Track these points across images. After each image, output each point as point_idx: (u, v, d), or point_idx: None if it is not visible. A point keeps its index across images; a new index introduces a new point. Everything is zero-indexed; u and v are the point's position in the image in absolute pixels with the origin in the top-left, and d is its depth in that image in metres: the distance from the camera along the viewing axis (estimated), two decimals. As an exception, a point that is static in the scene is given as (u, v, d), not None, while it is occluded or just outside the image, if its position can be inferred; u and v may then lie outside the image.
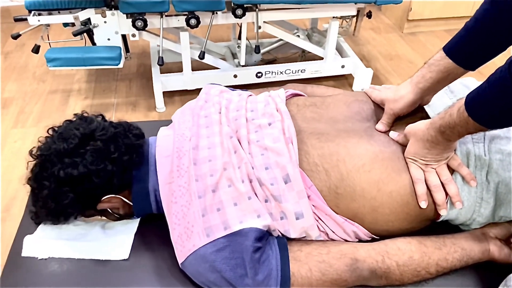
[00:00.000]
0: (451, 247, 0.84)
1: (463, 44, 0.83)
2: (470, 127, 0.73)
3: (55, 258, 0.85)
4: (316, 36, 2.29)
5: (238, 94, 1.02)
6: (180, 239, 0.80)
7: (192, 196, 0.80)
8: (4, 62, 2.45)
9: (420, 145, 0.83)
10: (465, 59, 0.84)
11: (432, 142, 0.81)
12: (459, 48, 0.84)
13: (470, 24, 0.82)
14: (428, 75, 0.89)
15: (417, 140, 0.84)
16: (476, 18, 0.81)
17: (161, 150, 0.89)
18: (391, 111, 0.94)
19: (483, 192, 0.84)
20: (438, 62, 0.87)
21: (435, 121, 0.80)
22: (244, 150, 0.85)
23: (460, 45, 0.84)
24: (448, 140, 0.80)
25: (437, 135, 0.80)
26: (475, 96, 0.72)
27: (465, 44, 0.83)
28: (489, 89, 0.69)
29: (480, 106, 0.71)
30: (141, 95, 2.22)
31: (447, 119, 0.76)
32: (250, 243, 0.75)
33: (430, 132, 0.81)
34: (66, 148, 0.82)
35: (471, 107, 0.72)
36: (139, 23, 1.85)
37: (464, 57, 0.84)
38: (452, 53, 0.85)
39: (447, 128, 0.77)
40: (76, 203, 0.84)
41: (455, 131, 0.76)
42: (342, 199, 0.84)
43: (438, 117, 0.80)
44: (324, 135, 0.89)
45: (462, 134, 0.77)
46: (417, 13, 2.66)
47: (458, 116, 0.74)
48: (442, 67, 0.86)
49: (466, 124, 0.73)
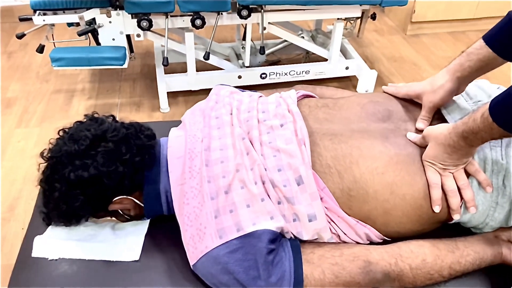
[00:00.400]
0: (464, 250, 0.84)
1: (505, 34, 0.82)
2: (495, 133, 0.72)
3: (65, 259, 0.84)
4: (321, 38, 2.29)
5: (248, 95, 1.02)
6: (192, 241, 0.79)
7: (205, 198, 0.80)
8: (7, 61, 2.44)
9: (441, 149, 0.82)
10: (505, 49, 0.83)
11: (454, 147, 0.80)
12: (499, 38, 0.83)
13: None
14: (467, 64, 0.88)
15: (437, 144, 0.83)
16: None
17: (173, 151, 0.89)
18: (430, 103, 0.92)
19: (499, 197, 0.84)
20: (477, 51, 0.86)
21: (458, 126, 0.79)
22: (257, 151, 0.85)
23: (501, 34, 0.83)
24: (470, 145, 0.79)
25: (459, 140, 0.79)
26: (500, 101, 0.71)
27: (506, 34, 0.82)
28: None
29: (505, 111, 0.70)
30: (145, 96, 2.22)
31: (471, 125, 0.75)
32: (264, 245, 0.75)
33: (452, 137, 0.80)
34: (77, 150, 0.82)
35: (496, 112, 0.71)
36: (144, 23, 1.85)
37: (505, 47, 0.83)
38: (491, 43, 0.84)
39: (470, 134, 0.76)
40: (87, 205, 0.84)
41: (478, 137, 0.75)
42: (354, 201, 0.83)
43: (461, 122, 0.78)
44: (338, 137, 0.89)
45: (485, 139, 0.76)
46: (420, 15, 2.66)
47: (482, 122, 0.73)
48: (482, 56, 0.85)
49: (491, 130, 0.72)
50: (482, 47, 0.85)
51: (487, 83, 0.97)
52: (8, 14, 2.72)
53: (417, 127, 0.92)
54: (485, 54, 0.85)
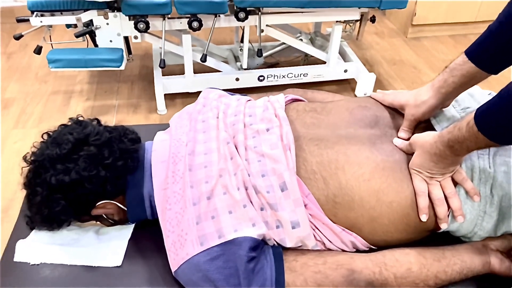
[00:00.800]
0: (451, 259, 0.83)
1: (486, 48, 0.81)
2: (480, 142, 0.71)
3: (47, 263, 0.83)
4: (319, 40, 2.28)
5: (236, 99, 1.01)
6: (173, 247, 0.79)
7: (187, 203, 0.79)
8: (7, 62, 2.45)
9: (427, 157, 0.81)
10: (489, 63, 0.82)
11: (440, 156, 0.79)
12: (482, 52, 0.82)
13: (493, 27, 0.80)
14: (451, 80, 0.87)
15: (423, 152, 0.81)
16: (500, 21, 0.79)
17: (157, 155, 0.88)
18: (412, 117, 0.91)
19: (487, 206, 0.83)
20: (460, 66, 0.85)
21: (444, 135, 0.77)
22: (241, 156, 0.84)
23: (483, 49, 0.82)
24: (456, 154, 0.77)
25: (445, 150, 0.77)
26: (484, 110, 0.69)
27: (488, 48, 0.81)
28: (499, 103, 0.67)
29: (490, 121, 0.69)
30: (142, 97, 2.21)
31: (456, 133, 0.74)
32: (244, 252, 0.74)
33: (438, 146, 0.78)
34: (59, 154, 0.81)
35: (481, 122, 0.69)
36: (141, 25, 1.85)
37: (487, 61, 0.82)
38: (474, 57, 0.83)
39: (455, 143, 0.75)
40: (68, 210, 0.83)
41: (464, 146, 0.74)
42: (340, 208, 0.82)
43: (446, 131, 0.77)
44: (324, 142, 0.88)
45: (471, 149, 0.75)
46: (421, 18, 2.64)
47: (467, 131, 0.71)
48: (465, 72, 0.84)
49: (476, 139, 0.71)
50: (465, 63, 0.84)
51: (478, 90, 0.95)
52: (9, 15, 2.72)
53: (398, 136, 0.91)
54: (468, 69, 0.84)
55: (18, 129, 1.99)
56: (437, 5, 2.60)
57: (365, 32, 2.79)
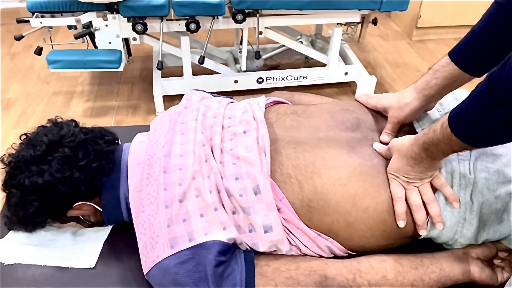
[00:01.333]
0: (429, 267, 0.80)
1: (469, 50, 0.80)
2: (454, 145, 0.69)
3: (21, 264, 0.83)
4: (320, 43, 2.26)
5: (218, 101, 1.00)
6: (145, 249, 0.78)
7: (159, 205, 0.78)
8: (10, 62, 2.48)
9: (404, 161, 0.79)
10: (471, 66, 0.80)
11: (416, 159, 0.77)
12: (465, 54, 0.81)
13: (476, 29, 0.79)
14: (433, 82, 0.85)
15: (400, 156, 0.80)
16: (482, 23, 0.77)
17: (133, 156, 0.88)
18: (395, 119, 0.90)
19: (466, 213, 0.80)
20: (443, 68, 0.83)
21: (419, 138, 0.76)
22: (216, 159, 0.83)
23: (466, 51, 0.81)
24: (432, 158, 0.75)
25: (421, 152, 0.75)
26: (458, 112, 0.68)
27: (471, 50, 0.80)
28: (470, 105, 0.65)
29: (462, 123, 0.67)
30: (142, 99, 2.22)
31: (431, 136, 0.72)
32: (212, 256, 0.73)
33: (414, 148, 0.76)
34: (33, 156, 0.81)
35: (454, 123, 0.67)
36: (139, 27, 1.85)
37: (470, 64, 0.80)
38: (457, 59, 0.81)
39: (430, 145, 0.73)
40: (42, 211, 0.83)
41: (439, 148, 0.72)
42: (315, 213, 0.80)
43: (422, 133, 0.75)
44: (302, 145, 0.86)
45: (446, 152, 0.72)
46: (426, 20, 2.61)
47: (441, 132, 0.70)
48: (448, 74, 0.83)
49: (450, 141, 0.69)
50: (448, 64, 0.83)
51: (464, 93, 0.93)
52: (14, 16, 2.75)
53: (381, 139, 0.90)
54: (451, 71, 0.82)
55: (19, 129, 2.01)
56: (443, 8, 2.56)
57: (369, 35, 2.78)
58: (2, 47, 2.63)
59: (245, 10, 1.86)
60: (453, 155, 0.81)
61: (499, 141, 0.66)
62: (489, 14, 0.77)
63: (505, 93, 0.58)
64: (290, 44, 2.08)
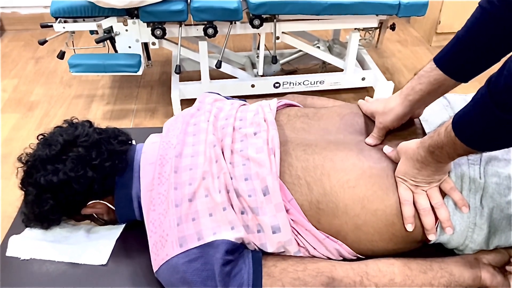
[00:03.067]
0: (438, 271, 0.80)
1: (454, 55, 0.79)
2: (459, 148, 0.68)
3: (36, 259, 0.86)
4: (337, 48, 2.26)
5: (230, 103, 1.01)
6: (155, 248, 0.79)
7: (170, 204, 0.80)
8: (35, 66, 2.55)
9: (410, 164, 0.79)
10: (456, 71, 0.79)
11: (422, 162, 0.76)
12: (449, 59, 0.80)
13: (461, 33, 0.78)
14: (418, 87, 0.85)
15: (407, 159, 0.79)
16: (467, 27, 0.76)
17: (146, 156, 0.90)
18: (380, 124, 0.90)
19: (477, 218, 0.79)
20: (428, 73, 0.83)
21: (425, 141, 0.75)
22: (226, 159, 0.84)
23: (450, 56, 0.79)
24: (438, 161, 0.75)
25: (426, 155, 0.75)
26: (461, 116, 0.67)
27: (455, 55, 0.79)
28: (472, 109, 0.65)
29: (465, 127, 0.66)
30: (160, 102, 2.26)
31: (436, 139, 0.72)
32: (220, 255, 0.74)
33: (420, 151, 0.76)
34: (48, 155, 0.84)
35: (457, 127, 0.67)
36: (158, 31, 1.89)
37: (455, 69, 0.79)
38: (442, 64, 0.80)
39: (436, 148, 0.72)
40: (57, 209, 0.86)
41: (444, 152, 0.71)
42: (323, 215, 0.81)
43: (428, 136, 0.75)
44: (311, 147, 0.87)
45: (452, 155, 0.72)
46: (446, 26, 2.58)
47: (445, 136, 0.69)
48: (432, 79, 0.82)
49: (454, 145, 0.68)
50: (433, 69, 0.82)
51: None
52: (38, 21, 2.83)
53: (366, 142, 0.90)
54: (436, 76, 0.81)
55: (41, 130, 2.04)
56: (462, 13, 2.51)
57: (388, 40, 2.76)
58: (27, 52, 2.70)
59: (262, 15, 1.87)
60: (463, 159, 0.80)
61: (503, 145, 0.66)
62: (473, 19, 0.76)
63: (504, 98, 0.57)
64: (307, 49, 2.09)
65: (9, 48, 2.75)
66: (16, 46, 2.76)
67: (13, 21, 2.91)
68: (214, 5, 1.81)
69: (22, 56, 2.66)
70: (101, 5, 1.80)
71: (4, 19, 2.91)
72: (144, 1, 1.77)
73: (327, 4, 1.83)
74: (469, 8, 0.79)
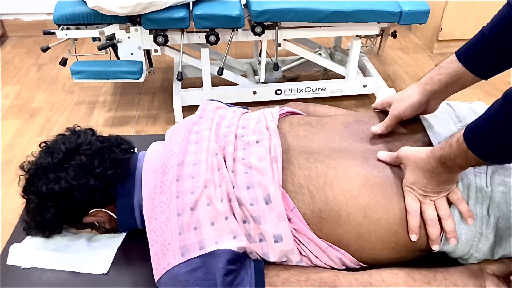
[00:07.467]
0: (442, 281, 0.79)
1: (476, 50, 0.79)
2: (471, 160, 0.68)
3: (37, 268, 0.85)
4: (339, 55, 2.26)
5: (233, 111, 1.01)
6: (156, 257, 0.79)
7: (171, 213, 0.79)
8: (37, 73, 2.56)
9: (420, 174, 0.78)
10: (477, 66, 0.80)
11: (433, 172, 0.76)
12: (471, 54, 0.80)
13: (486, 29, 0.78)
14: (437, 78, 0.85)
15: (416, 169, 0.79)
16: (492, 23, 0.76)
17: (148, 165, 0.89)
18: (395, 111, 0.90)
19: (483, 227, 0.79)
20: (448, 64, 0.83)
21: (436, 151, 0.75)
22: (228, 167, 0.84)
23: (473, 50, 0.80)
24: (449, 171, 0.74)
25: (438, 166, 0.74)
26: (473, 127, 0.67)
27: (478, 50, 0.79)
28: (485, 122, 0.65)
29: (477, 139, 0.66)
30: (162, 109, 2.26)
31: (447, 150, 0.71)
32: (222, 265, 0.73)
33: (430, 162, 0.75)
34: (51, 163, 0.84)
35: (470, 139, 0.67)
36: (160, 39, 1.89)
37: (475, 64, 0.80)
38: (463, 58, 0.81)
39: (447, 159, 0.72)
40: (59, 217, 0.85)
41: (456, 163, 0.71)
42: (326, 224, 0.80)
43: (438, 147, 0.75)
44: (314, 155, 0.86)
45: (463, 166, 0.72)
46: (447, 33, 2.58)
47: (457, 148, 0.69)
48: (452, 70, 0.82)
49: (466, 156, 0.68)
50: (453, 61, 0.82)
51: (482, 106, 0.92)
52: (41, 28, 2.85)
53: (371, 129, 0.90)
54: (455, 68, 0.82)
55: (42, 137, 2.05)
56: (464, 21, 2.53)
57: (389, 47, 2.76)
58: (29, 58, 2.71)
59: (264, 22, 1.88)
60: (470, 169, 0.80)
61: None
62: (501, 16, 0.76)
63: None
64: (309, 56, 2.09)
65: (11, 54, 2.76)
66: (18, 53, 2.77)
67: (15, 28, 2.92)
68: (216, 12, 1.81)
69: (24, 62, 2.67)
70: (103, 12, 1.81)
71: (7, 26, 2.92)
72: (147, 9, 1.78)
73: (328, 11, 1.84)
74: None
